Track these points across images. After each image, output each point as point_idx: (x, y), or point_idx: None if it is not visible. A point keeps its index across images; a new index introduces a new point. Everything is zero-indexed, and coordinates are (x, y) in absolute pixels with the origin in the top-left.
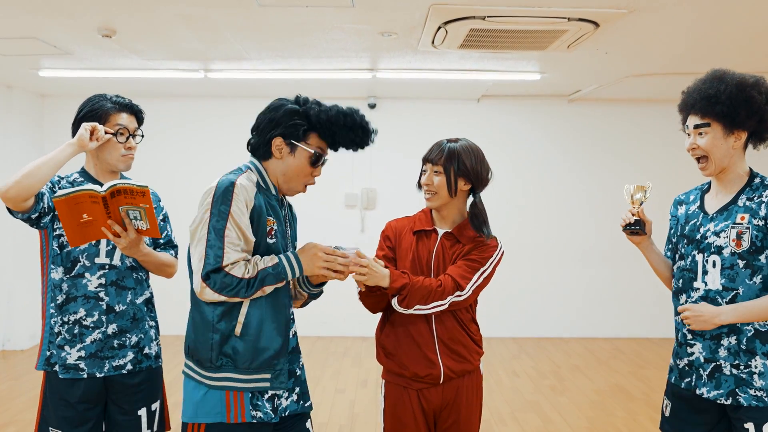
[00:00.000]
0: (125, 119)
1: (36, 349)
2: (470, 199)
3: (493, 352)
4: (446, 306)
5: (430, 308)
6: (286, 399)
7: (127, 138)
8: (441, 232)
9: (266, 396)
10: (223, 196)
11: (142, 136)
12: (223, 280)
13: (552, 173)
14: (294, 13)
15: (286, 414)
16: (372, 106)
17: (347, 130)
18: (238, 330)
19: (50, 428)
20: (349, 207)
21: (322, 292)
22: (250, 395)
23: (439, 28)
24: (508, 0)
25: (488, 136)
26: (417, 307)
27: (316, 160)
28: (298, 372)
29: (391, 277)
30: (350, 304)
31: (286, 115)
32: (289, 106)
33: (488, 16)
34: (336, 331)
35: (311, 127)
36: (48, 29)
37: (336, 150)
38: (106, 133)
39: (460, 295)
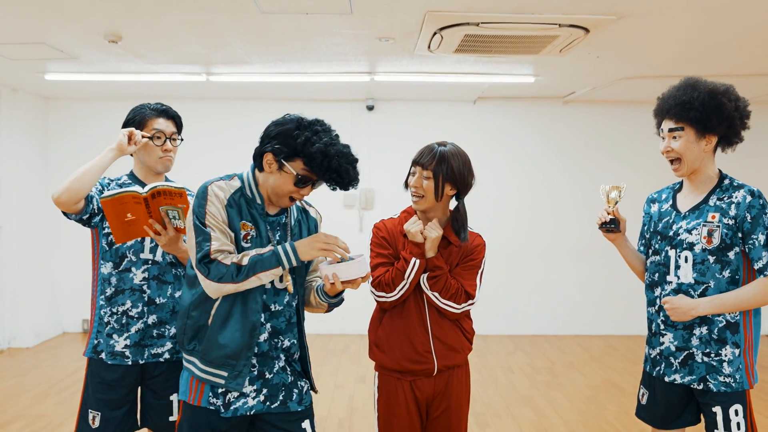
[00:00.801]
0: (162, 124)
1: (42, 347)
2: (453, 202)
3: (489, 348)
4: (459, 312)
5: (442, 303)
6: (253, 399)
7: (164, 141)
8: None
9: (219, 390)
10: (200, 198)
11: (182, 139)
12: (216, 268)
13: (547, 173)
14: (294, 19)
15: (252, 413)
16: (370, 108)
17: (324, 170)
18: (209, 320)
19: (89, 410)
20: (348, 207)
21: (342, 300)
22: (210, 386)
23: (435, 33)
24: (501, 7)
25: (484, 138)
26: (436, 294)
27: (300, 183)
28: (268, 375)
29: (436, 253)
30: (349, 303)
31: (280, 134)
32: (287, 126)
33: (482, 23)
34: (335, 329)
35: (295, 153)
36: (55, 35)
37: None
38: (143, 137)
39: (472, 303)
